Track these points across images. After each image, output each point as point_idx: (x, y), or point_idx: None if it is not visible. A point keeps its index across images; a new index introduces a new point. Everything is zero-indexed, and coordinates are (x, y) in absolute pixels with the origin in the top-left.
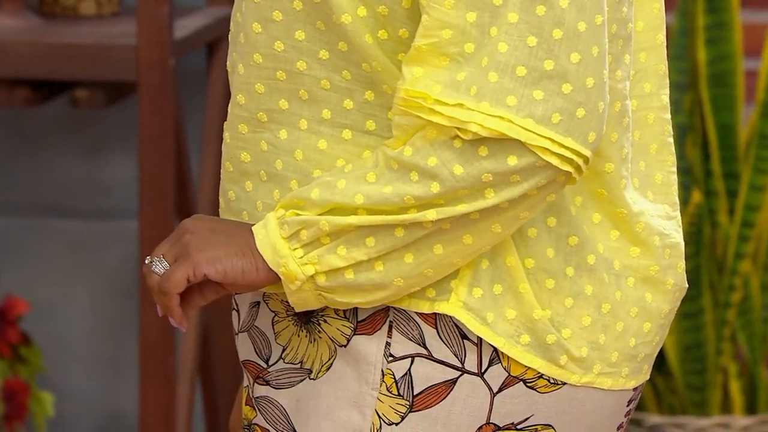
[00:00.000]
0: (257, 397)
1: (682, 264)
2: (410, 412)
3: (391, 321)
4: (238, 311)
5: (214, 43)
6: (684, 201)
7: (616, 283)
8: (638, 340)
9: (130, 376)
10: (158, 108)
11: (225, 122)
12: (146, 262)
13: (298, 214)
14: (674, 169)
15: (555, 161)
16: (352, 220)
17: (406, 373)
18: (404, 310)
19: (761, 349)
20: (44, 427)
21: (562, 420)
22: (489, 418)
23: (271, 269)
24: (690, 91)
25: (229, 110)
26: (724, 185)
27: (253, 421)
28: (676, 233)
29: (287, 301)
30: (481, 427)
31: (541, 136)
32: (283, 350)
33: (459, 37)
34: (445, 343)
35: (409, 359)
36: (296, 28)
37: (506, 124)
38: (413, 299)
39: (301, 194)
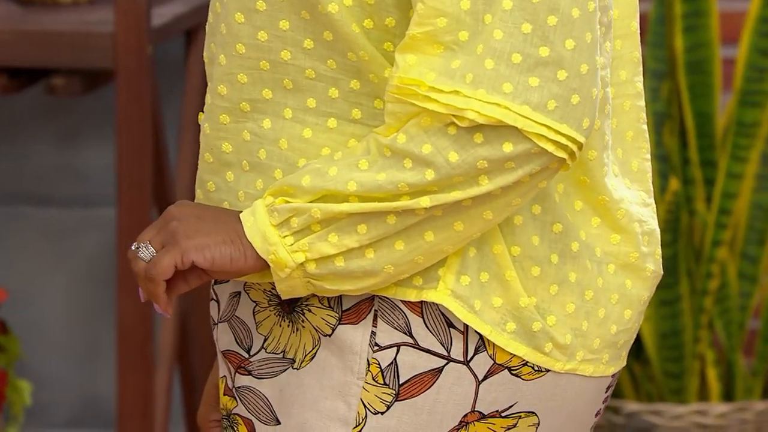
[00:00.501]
0: (239, 387)
1: (659, 251)
2: (396, 401)
3: (376, 310)
4: (217, 301)
5: (192, 30)
6: (661, 189)
7: (598, 270)
8: (619, 327)
9: (108, 364)
10: (135, 95)
11: (202, 113)
12: (132, 248)
13: (287, 202)
14: (648, 156)
15: (550, 148)
16: (345, 207)
17: (391, 363)
18: (389, 299)
19: (738, 337)
20: (22, 415)
21: (545, 407)
22: (474, 406)
23: (259, 257)
24: (667, 79)
25: (208, 101)
26: (702, 173)
27: (234, 411)
28: (652, 220)
29: (270, 291)
30: (466, 415)
31: (537, 122)
32: (265, 340)
33: (454, 25)
34: (431, 331)
35: (395, 348)
36: (280, 18)
37: (503, 111)
38: (400, 287)
39: (290, 181)
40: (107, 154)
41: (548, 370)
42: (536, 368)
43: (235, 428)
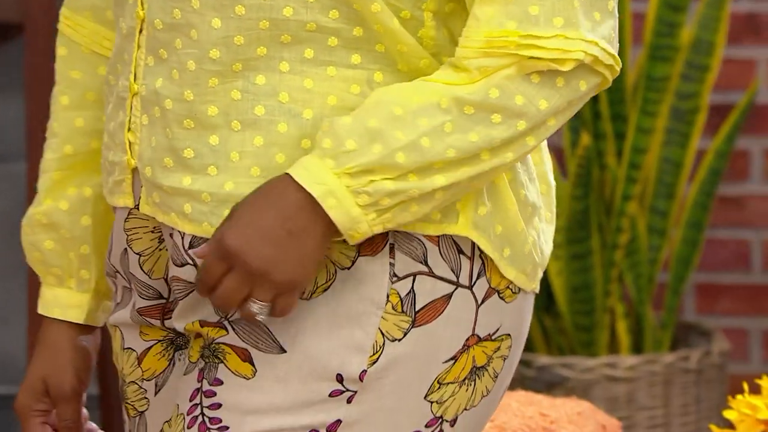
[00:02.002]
0: (237, 319)
1: None
2: (412, 327)
3: (392, 243)
4: (195, 265)
5: None
6: (573, 143)
7: (538, 190)
8: (550, 246)
9: (19, 321)
10: (45, 50)
11: (174, 81)
12: (253, 309)
13: (372, 181)
14: None
15: (609, 78)
16: (440, 181)
17: (409, 291)
18: (407, 232)
19: (647, 290)
20: None
21: (516, 327)
22: (474, 329)
23: (327, 234)
24: None
25: (191, 67)
26: (612, 127)
27: (218, 340)
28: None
29: None
30: (468, 339)
31: (611, 54)
32: None
33: None
34: (444, 259)
35: (412, 277)
36: None
37: (598, 48)
38: (419, 222)
39: (379, 162)
40: (17, 108)
41: (520, 290)
42: (513, 290)
43: (222, 357)
